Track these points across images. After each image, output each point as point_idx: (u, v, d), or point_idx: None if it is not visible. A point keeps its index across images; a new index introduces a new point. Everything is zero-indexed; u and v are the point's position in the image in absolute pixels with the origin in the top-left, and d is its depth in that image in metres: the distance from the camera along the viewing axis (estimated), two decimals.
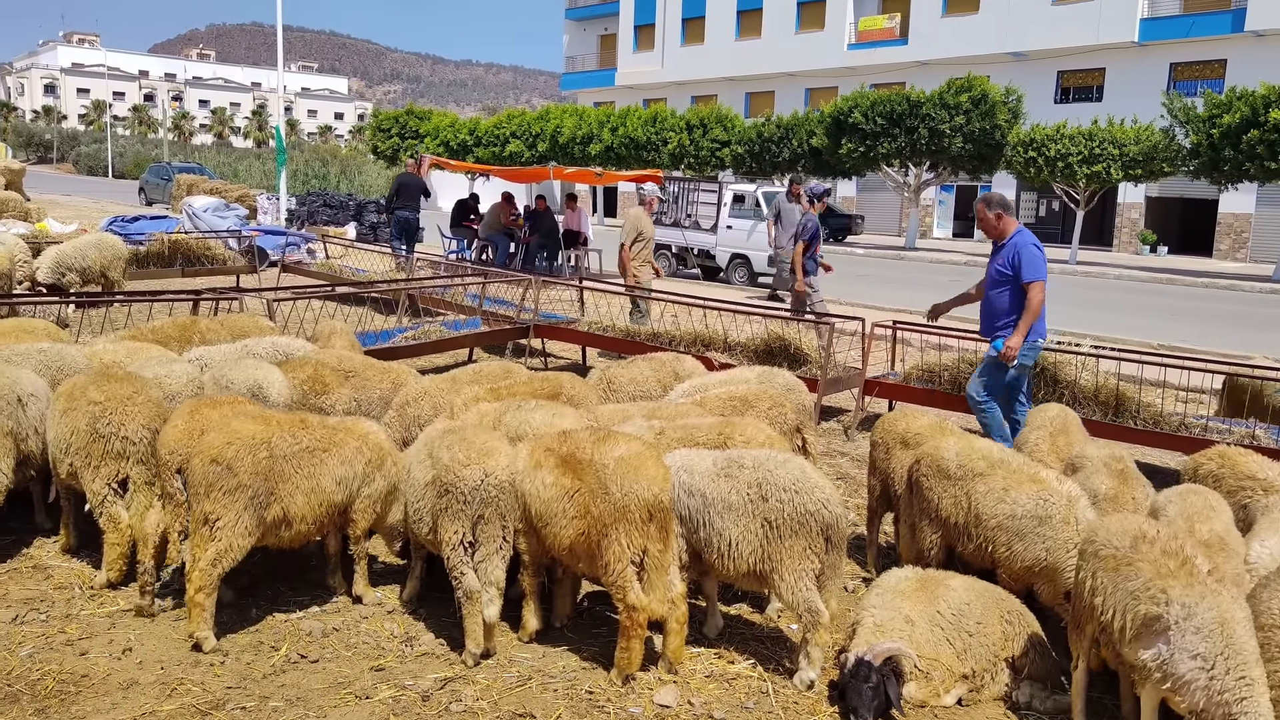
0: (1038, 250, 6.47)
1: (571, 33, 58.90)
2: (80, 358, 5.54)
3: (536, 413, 4.78)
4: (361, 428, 4.52)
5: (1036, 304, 6.39)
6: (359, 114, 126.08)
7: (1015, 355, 6.43)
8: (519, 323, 10.29)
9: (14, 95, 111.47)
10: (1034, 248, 6.47)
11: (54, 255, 12.04)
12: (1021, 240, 6.52)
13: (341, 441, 4.38)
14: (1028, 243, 6.49)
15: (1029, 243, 6.50)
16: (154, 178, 38.64)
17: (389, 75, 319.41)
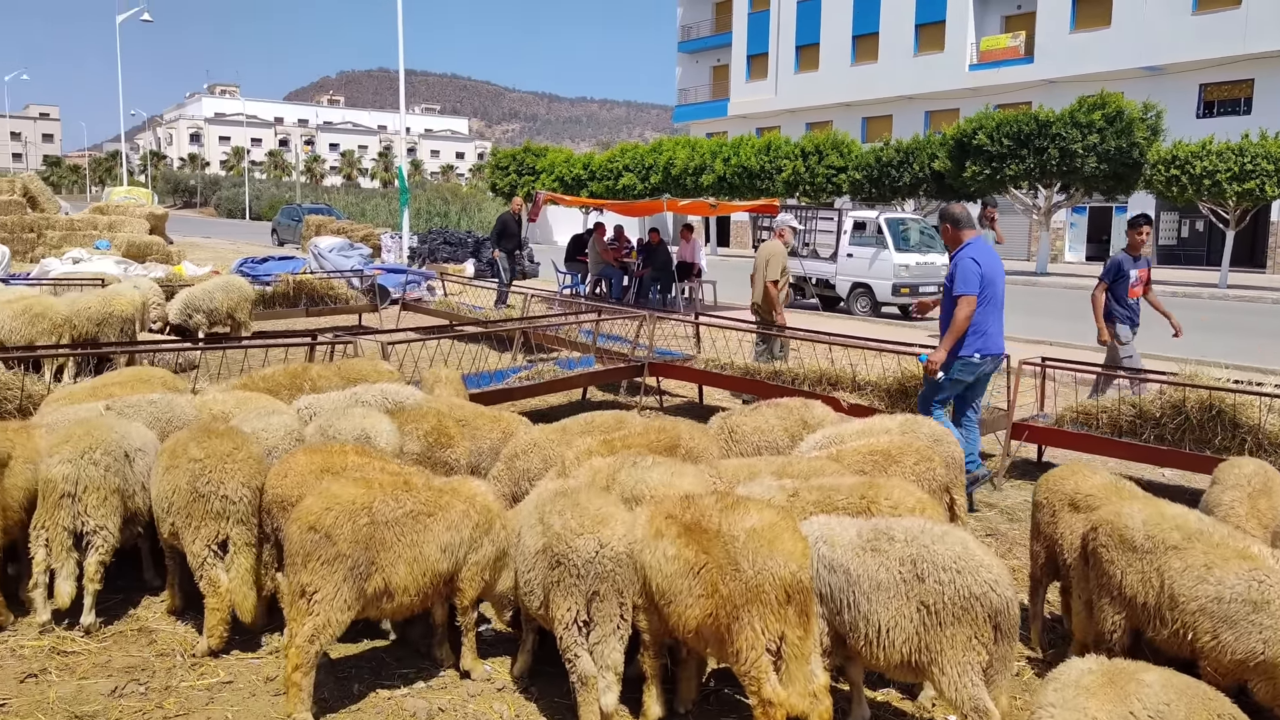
0: (974, 264, 6.43)
1: (684, 65, 59.05)
2: (190, 409, 5.41)
3: (654, 471, 4.35)
4: (468, 488, 4.18)
5: (960, 318, 6.42)
6: (479, 153, 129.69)
7: (935, 369, 6.53)
8: (633, 360, 9.93)
9: (163, 144, 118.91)
10: (970, 261, 6.45)
11: (184, 298, 12.35)
12: (962, 254, 6.53)
13: (447, 505, 4.04)
14: (966, 256, 6.49)
15: (967, 256, 6.48)
16: (286, 219, 40.20)
17: (507, 114, 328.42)
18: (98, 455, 4.48)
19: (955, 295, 6.46)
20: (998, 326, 6.67)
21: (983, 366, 6.70)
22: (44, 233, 25.69)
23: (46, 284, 13.83)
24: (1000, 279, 6.65)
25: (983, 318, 6.53)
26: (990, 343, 6.60)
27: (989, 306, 6.56)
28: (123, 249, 23.15)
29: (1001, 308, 6.72)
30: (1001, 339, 6.76)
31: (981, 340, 6.55)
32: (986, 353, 6.63)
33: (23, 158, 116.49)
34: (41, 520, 4.44)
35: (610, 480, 4.41)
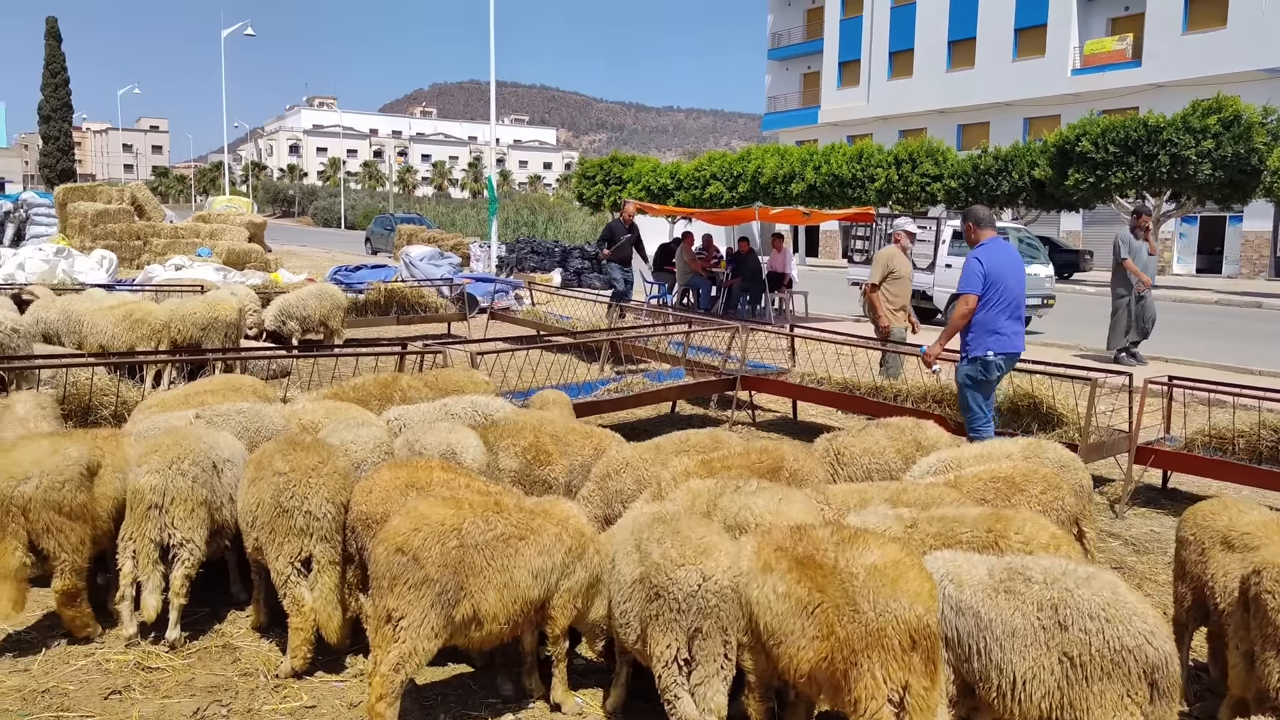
0: (977, 263, 6.58)
1: (774, 73, 58.53)
2: (279, 419, 5.31)
3: (759, 497, 4.04)
4: (560, 510, 3.94)
5: (956, 315, 6.64)
6: (566, 163, 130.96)
7: (931, 360, 6.93)
8: (725, 373, 9.62)
9: (264, 155, 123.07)
10: (975, 260, 6.60)
11: (278, 304, 12.51)
12: (972, 253, 6.70)
13: (539, 527, 3.81)
14: (973, 255, 6.65)
15: (974, 255, 6.64)
16: (379, 228, 40.99)
17: (595, 125, 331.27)
18: (185, 466, 4.39)
19: (956, 293, 6.72)
20: (1013, 326, 6.68)
21: (998, 364, 6.72)
22: (150, 240, 26.59)
23: (149, 290, 14.17)
24: (1013, 279, 6.66)
25: (993, 317, 6.60)
26: (1005, 342, 6.64)
27: (999, 306, 6.60)
28: (223, 256, 23.82)
29: (1019, 308, 6.72)
30: (1019, 339, 6.75)
31: (995, 339, 6.61)
32: (1001, 351, 6.65)
33: (134, 168, 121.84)
34: (129, 531, 4.35)
35: (711, 505, 4.12)
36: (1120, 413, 8.11)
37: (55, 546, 4.24)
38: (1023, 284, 6.77)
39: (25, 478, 4.16)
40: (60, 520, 4.24)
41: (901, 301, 9.97)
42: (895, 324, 9.97)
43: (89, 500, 4.36)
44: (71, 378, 6.55)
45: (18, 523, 4.15)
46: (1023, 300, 6.78)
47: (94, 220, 26.58)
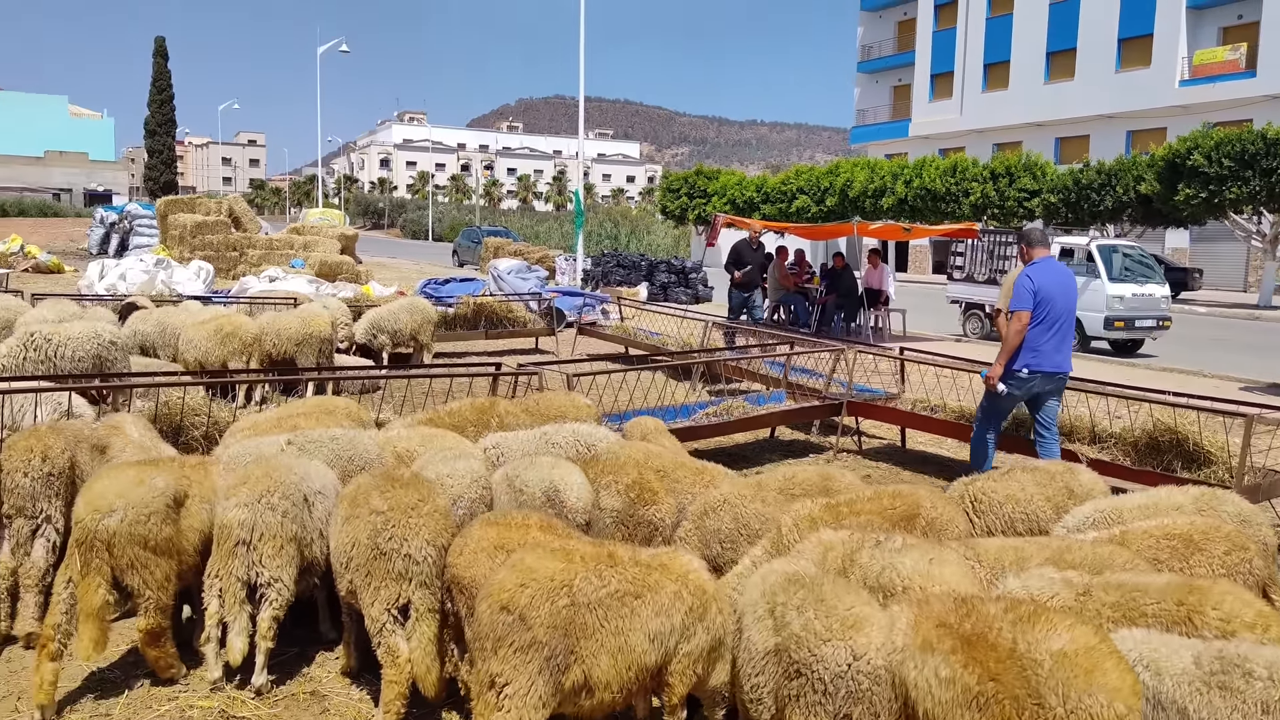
0: (1028, 280, 6.65)
1: (863, 85, 57.52)
2: (373, 447, 5.02)
3: (906, 555, 3.57)
4: (679, 565, 3.53)
5: (1011, 333, 6.74)
6: (649, 176, 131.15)
7: (993, 383, 6.81)
8: (830, 397, 9.11)
9: (356, 169, 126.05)
10: (1025, 278, 6.67)
11: (369, 318, 12.42)
12: (1023, 271, 6.78)
13: (657, 584, 3.41)
14: (1024, 273, 6.74)
15: (1025, 273, 6.73)
16: (466, 240, 41.35)
17: (678, 138, 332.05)
18: (275, 499, 4.11)
19: (1009, 311, 6.79)
20: (1055, 344, 6.72)
21: (1032, 383, 6.77)
22: (245, 252, 27.12)
23: (242, 302, 14.26)
24: (1062, 298, 6.72)
25: (1036, 335, 6.68)
26: (1043, 360, 6.69)
27: (1044, 324, 6.67)
28: (316, 268, 24.12)
29: (1064, 327, 6.76)
30: (1061, 357, 6.76)
31: (1032, 356, 6.69)
32: (1037, 369, 6.71)
33: (232, 181, 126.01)
34: (215, 568, 4.09)
35: (847, 562, 3.67)
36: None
37: (140, 583, 4.00)
38: (1072, 303, 6.84)
39: (110, 510, 3.92)
40: (145, 555, 3.99)
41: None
42: None
43: (175, 534, 4.11)
44: (164, 396, 6.39)
45: (101, 558, 3.91)
46: (1070, 319, 6.84)
47: (193, 231, 27.24)
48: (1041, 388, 6.86)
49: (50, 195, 71.09)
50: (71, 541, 3.97)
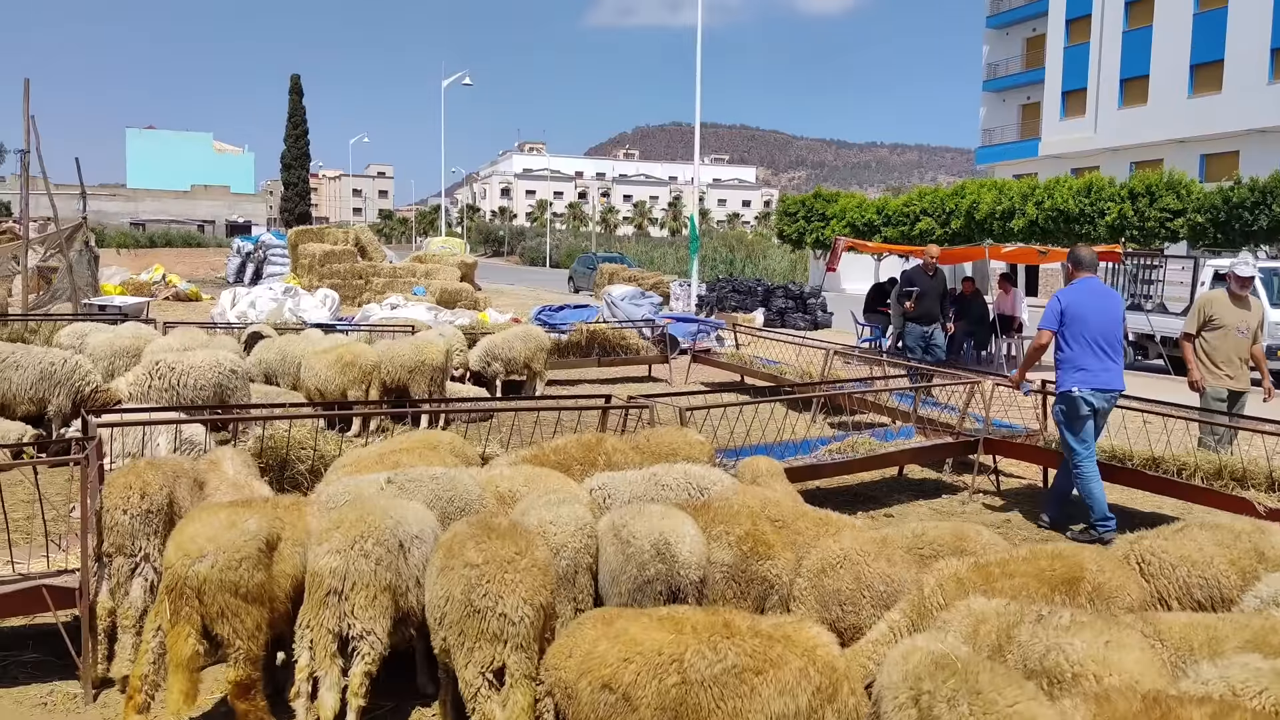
0: (1056, 302, 7.03)
1: (989, 105, 55.70)
2: (475, 487, 4.75)
3: (1078, 635, 3.03)
4: (806, 637, 3.10)
5: (1030, 348, 7.46)
6: (765, 200, 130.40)
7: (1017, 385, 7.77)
8: (964, 433, 8.48)
9: (478, 198, 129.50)
10: (1055, 299, 7.06)
11: (484, 345, 12.38)
12: (1056, 293, 7.17)
13: (780, 659, 2.99)
14: (1056, 295, 7.12)
15: (1057, 294, 7.12)
16: (581, 267, 41.63)
17: (794, 162, 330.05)
18: (369, 546, 3.85)
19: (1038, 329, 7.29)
20: (1099, 363, 6.87)
21: (1087, 399, 6.91)
22: (370, 280, 27.83)
23: (363, 329, 14.43)
24: (1097, 317, 6.91)
25: (1076, 354, 6.92)
26: (1091, 378, 6.88)
27: (1082, 343, 6.89)
28: (436, 295, 24.53)
29: (1104, 345, 6.89)
30: (1109, 375, 6.90)
31: (1079, 375, 6.90)
32: (1086, 386, 6.89)
33: (362, 212, 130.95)
34: (306, 619, 3.86)
35: (1002, 638, 3.17)
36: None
37: (230, 632, 3.79)
38: (1112, 322, 6.97)
39: (200, 555, 3.74)
40: (236, 603, 3.79)
41: (1224, 355, 8.23)
42: (1211, 381, 8.34)
43: (267, 580, 3.90)
44: (270, 429, 6.31)
45: (191, 606, 3.73)
46: (1113, 338, 6.95)
47: (321, 260, 28.13)
48: (1098, 404, 6.96)
49: (195, 226, 75.22)
50: (161, 588, 3.81)
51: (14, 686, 4.29)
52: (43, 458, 7.08)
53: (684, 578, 3.88)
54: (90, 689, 4.20)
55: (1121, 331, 7.09)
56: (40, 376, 8.35)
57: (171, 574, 3.74)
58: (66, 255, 18.23)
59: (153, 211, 76.82)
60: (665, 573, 3.88)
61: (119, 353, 9.85)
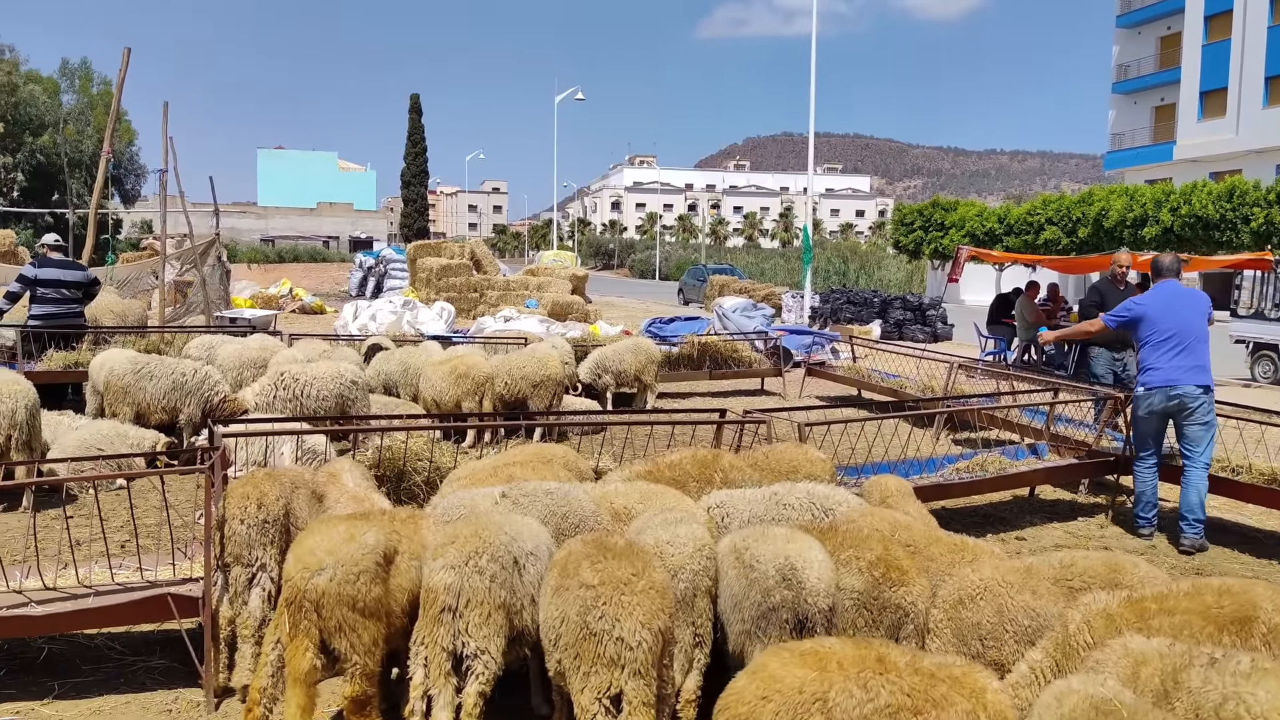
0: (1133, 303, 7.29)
1: (1118, 108, 53.32)
2: (589, 503, 4.64)
3: (1260, 684, 2.70)
4: (973, 679, 2.85)
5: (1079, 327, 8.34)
6: (879, 210, 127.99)
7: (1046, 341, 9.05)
8: (1104, 453, 7.97)
9: (589, 212, 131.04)
10: (1132, 301, 7.34)
11: (594, 358, 12.36)
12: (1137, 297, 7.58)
13: (943, 700, 2.74)
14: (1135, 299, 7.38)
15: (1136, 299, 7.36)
16: (691, 279, 41.54)
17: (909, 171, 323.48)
18: (484, 562, 3.77)
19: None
20: (1170, 363, 6.95)
21: (1151, 400, 7.05)
22: (485, 293, 28.35)
23: (476, 342, 14.61)
24: (1169, 318, 7.01)
25: (1149, 354, 7.08)
26: (1155, 376, 7.00)
27: (1152, 344, 7.06)
28: (548, 308, 24.79)
29: (1177, 347, 6.95)
30: (1177, 374, 6.92)
31: (1148, 374, 7.06)
32: (1151, 386, 7.03)
33: (477, 226, 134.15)
34: (421, 634, 3.79)
35: (1169, 683, 2.85)
36: None
37: (347, 647, 3.76)
38: (1186, 322, 6.99)
39: (320, 568, 3.72)
40: (353, 617, 3.75)
41: None
42: None
43: (384, 594, 3.86)
44: (387, 440, 6.35)
45: (310, 619, 3.71)
46: (1191, 339, 6.97)
47: (438, 274, 28.79)
48: (1163, 405, 7.01)
49: (321, 242, 78.30)
50: (281, 600, 3.81)
51: (141, 692, 4.37)
52: (171, 466, 7.31)
53: (812, 605, 3.66)
54: (212, 698, 4.25)
55: (1202, 330, 7.08)
56: (172, 386, 8.68)
57: (291, 587, 3.73)
58: (201, 270, 19.10)
59: (281, 228, 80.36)
60: (792, 600, 3.67)
61: (246, 364, 10.16)
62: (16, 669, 4.54)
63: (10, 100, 40.05)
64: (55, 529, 6.44)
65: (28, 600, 4.26)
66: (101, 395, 8.79)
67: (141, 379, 8.63)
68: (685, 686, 3.86)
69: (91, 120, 46.03)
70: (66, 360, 10.48)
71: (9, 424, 6.88)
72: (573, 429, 9.87)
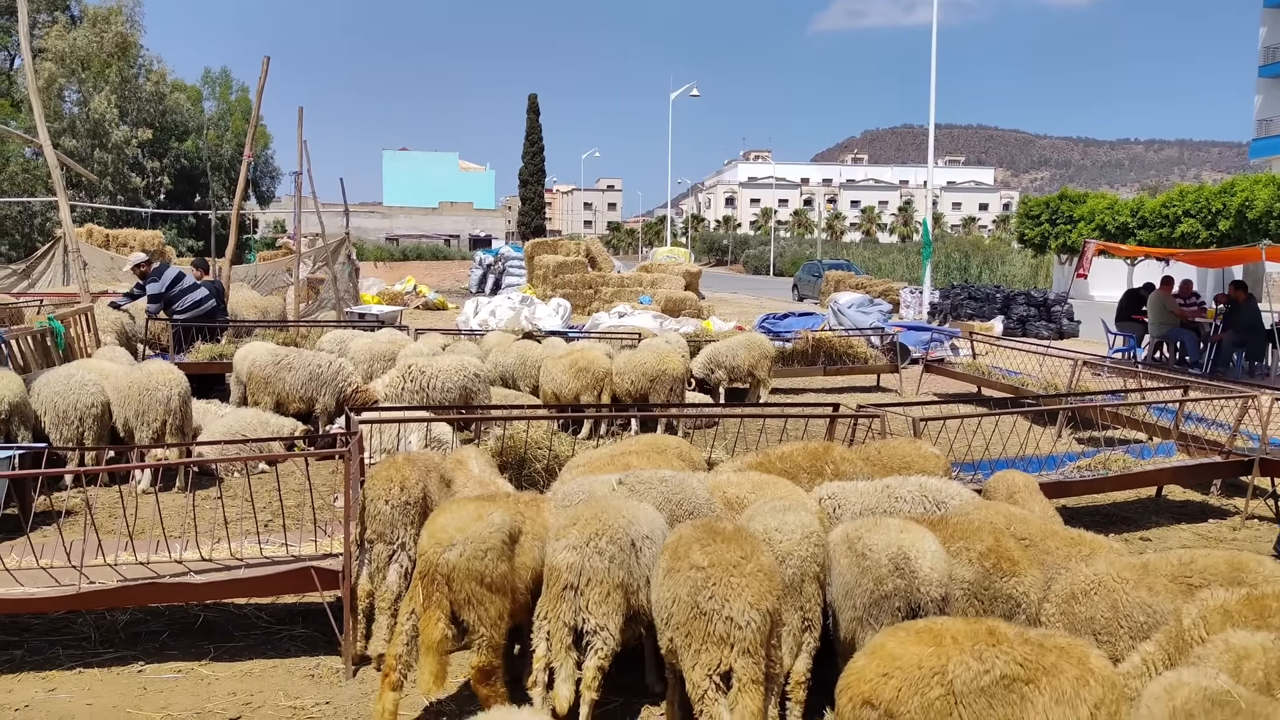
0: None
1: (1265, 92, 50.26)
2: (702, 491, 4.79)
3: None
4: (1080, 649, 2.91)
5: None
6: (1003, 203, 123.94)
7: None
8: (1236, 453, 7.66)
9: (703, 208, 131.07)
10: None
11: (707, 353, 12.48)
12: None
13: (1053, 668, 2.80)
14: None
15: None
16: (806, 274, 41.15)
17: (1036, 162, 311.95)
18: (603, 544, 3.96)
19: None
20: None
21: None
22: (600, 289, 28.78)
23: (594, 336, 14.92)
24: None
25: None
26: None
27: None
28: (661, 304, 25.02)
29: None
30: None
31: None
32: None
33: (592, 224, 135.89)
34: (544, 610, 4.02)
35: (1273, 677, 2.82)
36: None
37: (475, 619, 4.01)
38: None
39: (451, 544, 3.98)
40: (481, 591, 4.00)
41: None
42: None
43: (510, 571, 4.10)
44: (510, 430, 6.63)
45: (442, 592, 3.97)
46: None
47: (555, 271, 29.38)
48: None
49: (442, 241, 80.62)
50: (416, 573, 4.08)
51: (286, 658, 4.74)
52: (311, 450, 7.79)
53: (925, 594, 3.73)
54: (350, 665, 4.57)
55: None
56: (309, 377, 9.21)
57: (424, 561, 4.00)
58: (332, 268, 20.06)
59: (405, 227, 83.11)
60: (904, 588, 3.74)
61: (377, 356, 10.68)
62: (177, 633, 4.99)
63: (159, 109, 42.61)
64: (206, 508, 6.98)
65: (188, 570, 4.67)
66: (245, 385, 9.40)
67: (281, 370, 9.19)
68: (795, 668, 3.98)
69: (230, 125, 48.64)
70: (212, 353, 11.23)
71: (164, 410, 7.46)
72: (686, 423, 10.02)
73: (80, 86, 40.46)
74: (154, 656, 4.67)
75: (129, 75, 41.48)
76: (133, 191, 41.21)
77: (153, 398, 7.46)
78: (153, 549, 4.95)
